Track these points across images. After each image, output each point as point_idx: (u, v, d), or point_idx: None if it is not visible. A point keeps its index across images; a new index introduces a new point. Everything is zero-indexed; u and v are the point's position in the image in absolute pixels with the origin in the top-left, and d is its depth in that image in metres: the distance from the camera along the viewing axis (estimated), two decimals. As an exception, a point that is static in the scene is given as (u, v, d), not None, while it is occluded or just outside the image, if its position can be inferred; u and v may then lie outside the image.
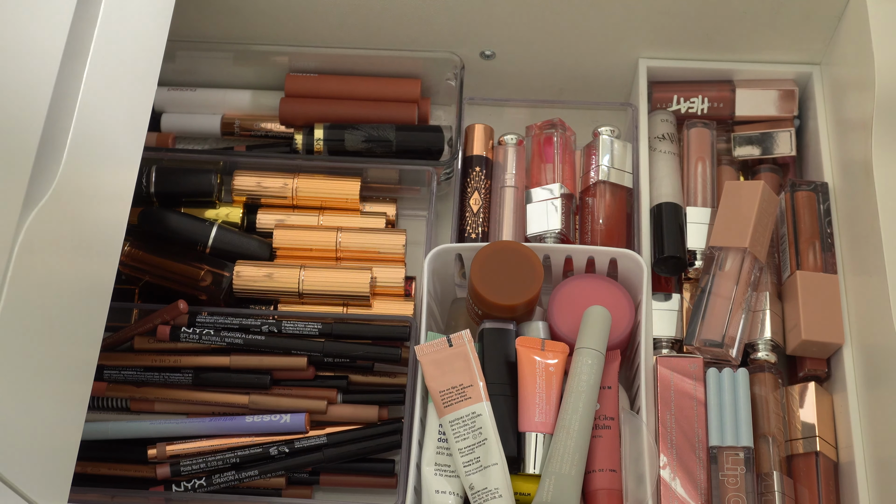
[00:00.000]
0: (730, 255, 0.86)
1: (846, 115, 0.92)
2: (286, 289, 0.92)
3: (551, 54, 1.01)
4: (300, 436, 0.87)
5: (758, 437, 0.83)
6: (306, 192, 0.96)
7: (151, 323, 0.89)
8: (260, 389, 0.89)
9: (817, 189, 0.92)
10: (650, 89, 0.99)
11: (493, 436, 0.78)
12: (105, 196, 0.70)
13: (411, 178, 0.98)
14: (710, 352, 0.85)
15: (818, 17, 0.94)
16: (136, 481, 0.87)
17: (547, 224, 0.92)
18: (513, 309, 0.83)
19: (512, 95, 1.05)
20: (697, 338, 0.85)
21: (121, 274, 0.93)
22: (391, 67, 1.02)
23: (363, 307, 0.93)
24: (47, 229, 0.60)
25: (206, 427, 0.87)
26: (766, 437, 0.83)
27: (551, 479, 0.76)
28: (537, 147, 0.96)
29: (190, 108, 1.04)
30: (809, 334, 0.85)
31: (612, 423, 0.81)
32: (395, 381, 0.90)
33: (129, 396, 0.89)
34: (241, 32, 1.01)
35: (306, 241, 0.95)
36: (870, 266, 0.82)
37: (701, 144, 0.96)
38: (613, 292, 0.86)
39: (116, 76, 0.70)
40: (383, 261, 0.94)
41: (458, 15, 0.97)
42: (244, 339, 0.88)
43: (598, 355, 0.80)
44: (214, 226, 0.95)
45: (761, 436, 0.83)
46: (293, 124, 1.01)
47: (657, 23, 0.96)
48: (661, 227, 0.92)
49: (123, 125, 0.73)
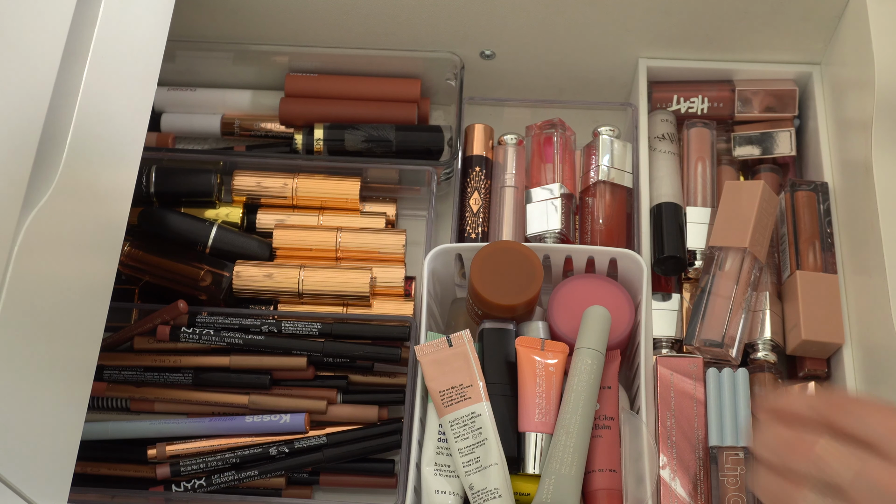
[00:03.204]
0: (730, 254, 0.86)
1: (846, 115, 0.92)
2: (286, 289, 0.92)
3: (551, 54, 1.01)
4: (300, 436, 0.87)
5: (758, 437, 0.83)
6: (306, 192, 0.96)
7: (151, 323, 0.89)
8: (260, 389, 0.89)
9: (817, 189, 0.92)
10: (650, 89, 0.99)
11: (493, 436, 0.78)
12: (105, 196, 0.70)
13: (411, 178, 0.98)
14: (710, 352, 0.85)
15: (818, 17, 0.94)
16: (136, 481, 0.88)
17: (547, 224, 0.92)
18: (513, 309, 0.83)
19: (512, 95, 1.05)
20: (697, 338, 0.85)
21: (121, 274, 0.93)
22: (391, 67, 1.02)
23: (363, 307, 0.93)
24: (47, 229, 0.60)
25: (206, 427, 0.87)
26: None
27: (551, 479, 0.76)
28: (537, 147, 0.96)
29: (190, 108, 1.04)
30: (809, 334, 0.85)
31: (611, 423, 0.81)
32: (394, 381, 0.90)
33: (129, 396, 0.89)
34: (240, 32, 1.01)
35: (306, 241, 0.95)
36: (870, 266, 0.82)
37: (701, 144, 0.96)
38: (613, 292, 0.86)
39: (116, 76, 0.70)
40: (383, 261, 0.94)
41: (458, 15, 0.97)
42: (244, 339, 0.88)
43: (597, 355, 0.80)
44: (214, 226, 0.95)
45: (761, 436, 0.83)
46: (293, 124, 1.01)
47: (657, 23, 0.96)
48: (661, 227, 0.92)
49: (123, 125, 0.73)
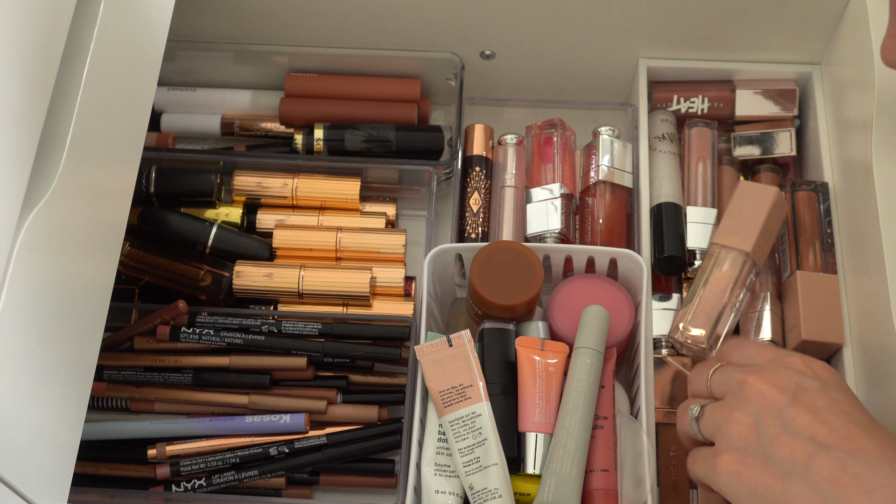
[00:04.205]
0: (730, 255, 0.86)
1: (846, 115, 0.92)
2: (286, 289, 0.92)
3: (551, 54, 1.01)
4: (300, 436, 0.87)
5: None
6: (306, 192, 0.96)
7: (151, 323, 0.89)
8: (260, 389, 0.89)
9: (817, 189, 0.92)
10: (650, 89, 0.99)
11: (493, 436, 0.78)
12: (105, 196, 0.70)
13: (411, 178, 0.98)
14: (691, 347, 0.83)
15: (818, 17, 0.94)
16: (136, 481, 0.88)
17: (547, 224, 0.92)
18: (513, 309, 0.83)
19: (512, 95, 1.05)
20: (683, 331, 0.83)
21: (121, 274, 0.93)
22: (391, 67, 1.02)
23: (363, 307, 0.93)
24: (47, 229, 0.60)
25: (205, 427, 0.87)
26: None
27: (552, 480, 0.76)
28: (537, 147, 0.96)
29: (190, 108, 1.04)
30: (809, 334, 0.85)
31: (605, 422, 0.81)
32: (394, 381, 0.90)
33: (129, 396, 0.89)
34: (240, 32, 1.01)
35: (306, 241, 0.95)
36: (870, 266, 0.82)
37: (702, 144, 0.96)
38: (613, 292, 0.86)
39: (116, 76, 0.70)
40: (383, 261, 0.94)
41: (458, 15, 0.97)
42: (244, 339, 0.88)
43: (597, 355, 0.80)
44: (214, 226, 0.95)
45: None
46: (293, 124, 1.01)
47: (657, 23, 0.96)
48: (661, 227, 0.92)
49: (123, 125, 0.73)
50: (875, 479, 0.62)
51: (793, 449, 0.65)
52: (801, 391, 0.67)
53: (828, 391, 0.67)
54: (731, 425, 0.68)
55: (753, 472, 0.66)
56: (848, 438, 0.64)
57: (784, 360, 0.70)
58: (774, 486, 0.65)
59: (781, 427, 0.66)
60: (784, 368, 0.69)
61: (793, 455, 0.65)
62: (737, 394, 0.69)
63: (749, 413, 0.68)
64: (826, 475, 0.63)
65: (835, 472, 0.63)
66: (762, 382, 0.68)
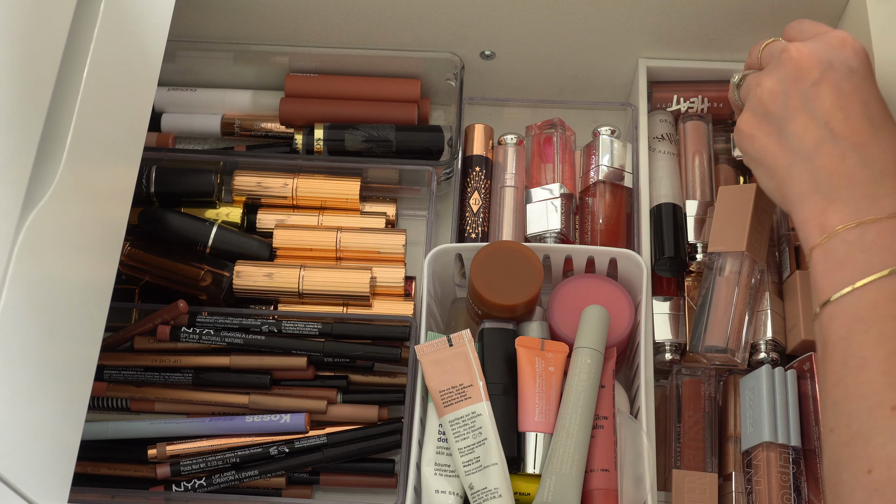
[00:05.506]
0: (728, 259, 0.86)
1: (846, 115, 0.92)
2: (286, 289, 0.92)
3: (551, 54, 1.01)
4: (300, 436, 0.87)
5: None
6: (306, 192, 0.97)
7: (151, 323, 0.89)
8: (260, 389, 0.89)
9: (817, 189, 0.91)
10: (650, 89, 0.99)
11: (493, 436, 0.78)
12: (105, 196, 0.70)
13: (411, 178, 0.98)
14: (715, 358, 0.84)
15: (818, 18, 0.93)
16: (136, 481, 0.88)
17: (547, 224, 0.92)
18: (513, 309, 0.83)
19: (512, 95, 1.05)
20: (702, 346, 0.84)
21: (121, 274, 0.93)
22: (391, 67, 1.02)
23: (363, 307, 0.93)
24: (47, 229, 0.60)
25: (206, 427, 0.87)
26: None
27: (552, 479, 0.77)
28: (537, 147, 0.96)
29: (190, 108, 1.04)
30: (810, 334, 0.85)
31: (605, 422, 0.81)
32: (395, 381, 0.90)
33: (129, 396, 0.89)
34: (240, 32, 1.01)
35: (306, 241, 0.95)
36: (870, 266, 0.82)
37: (697, 138, 0.96)
38: (613, 292, 0.86)
39: (116, 76, 0.70)
40: (383, 261, 0.94)
41: (458, 15, 0.97)
42: (244, 339, 0.88)
43: (596, 354, 0.80)
44: (214, 226, 0.95)
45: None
46: (293, 124, 1.01)
47: (657, 23, 0.96)
48: (661, 228, 0.91)
49: (123, 125, 0.73)
50: (864, 175, 0.66)
51: (806, 128, 0.69)
52: (830, 69, 0.70)
53: (853, 77, 0.70)
54: (758, 89, 0.73)
55: (766, 140, 0.72)
56: (858, 132, 0.68)
57: (828, 35, 0.73)
58: (782, 159, 0.71)
59: (801, 103, 0.70)
60: (824, 43, 0.72)
61: (805, 135, 0.69)
62: (776, 61, 0.73)
63: (778, 80, 0.72)
64: (827, 163, 0.68)
65: (835, 162, 0.68)
66: (799, 51, 0.72)
